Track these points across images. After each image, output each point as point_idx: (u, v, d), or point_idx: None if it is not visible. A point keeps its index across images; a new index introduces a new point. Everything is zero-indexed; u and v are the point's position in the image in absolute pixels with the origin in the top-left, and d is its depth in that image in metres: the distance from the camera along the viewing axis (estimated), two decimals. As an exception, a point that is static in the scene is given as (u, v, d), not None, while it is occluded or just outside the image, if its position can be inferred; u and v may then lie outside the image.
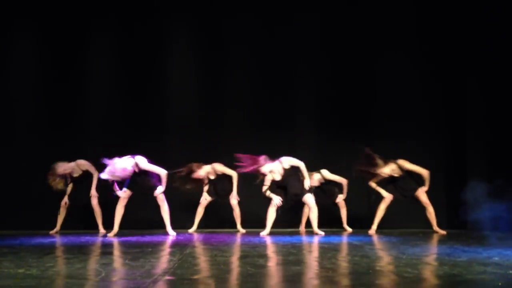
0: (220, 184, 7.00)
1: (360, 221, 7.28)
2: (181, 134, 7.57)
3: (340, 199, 7.07)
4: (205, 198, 7.02)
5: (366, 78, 7.65)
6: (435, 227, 6.73)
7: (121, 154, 6.50)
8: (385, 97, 7.61)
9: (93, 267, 3.45)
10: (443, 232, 6.62)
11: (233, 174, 6.84)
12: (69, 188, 6.92)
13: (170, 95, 7.71)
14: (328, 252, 4.36)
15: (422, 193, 6.65)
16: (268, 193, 6.35)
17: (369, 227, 6.79)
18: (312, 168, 6.90)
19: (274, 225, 6.53)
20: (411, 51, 7.67)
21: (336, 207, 7.15)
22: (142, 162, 6.09)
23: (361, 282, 2.82)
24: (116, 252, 4.55)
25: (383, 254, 4.25)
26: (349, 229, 7.07)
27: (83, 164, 6.86)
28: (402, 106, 7.59)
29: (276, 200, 6.31)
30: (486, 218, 6.60)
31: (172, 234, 6.28)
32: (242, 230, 6.98)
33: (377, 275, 3.04)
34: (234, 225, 7.11)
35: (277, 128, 7.56)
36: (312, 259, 3.95)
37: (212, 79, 7.72)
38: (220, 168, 6.92)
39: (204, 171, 6.88)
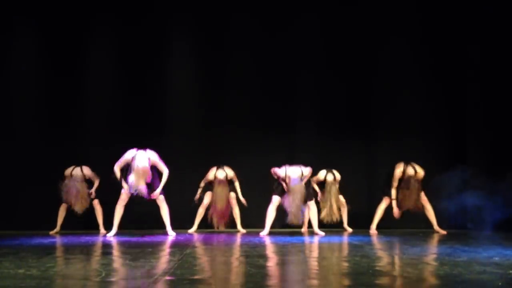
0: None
1: (360, 221, 7.28)
2: (182, 134, 7.55)
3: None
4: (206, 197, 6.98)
5: (366, 76, 7.62)
6: (436, 227, 6.72)
7: (121, 153, 6.51)
8: (386, 96, 7.60)
9: (94, 267, 3.46)
10: (444, 232, 6.62)
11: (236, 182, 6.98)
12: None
13: (171, 95, 7.69)
14: (328, 252, 4.36)
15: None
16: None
17: (369, 226, 6.79)
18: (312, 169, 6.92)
19: (274, 225, 6.52)
20: (410, 50, 7.65)
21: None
22: (154, 155, 6.28)
23: (361, 282, 2.82)
24: (116, 252, 4.55)
25: (383, 254, 4.25)
26: (350, 229, 7.05)
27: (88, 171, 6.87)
28: (402, 105, 7.58)
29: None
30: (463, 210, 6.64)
31: (172, 234, 6.28)
32: (243, 230, 6.97)
33: (377, 275, 3.04)
34: (234, 225, 7.11)
35: (277, 129, 7.56)
36: (312, 259, 3.95)
37: (213, 80, 7.70)
38: (231, 173, 6.95)
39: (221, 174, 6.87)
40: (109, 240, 5.64)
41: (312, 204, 6.46)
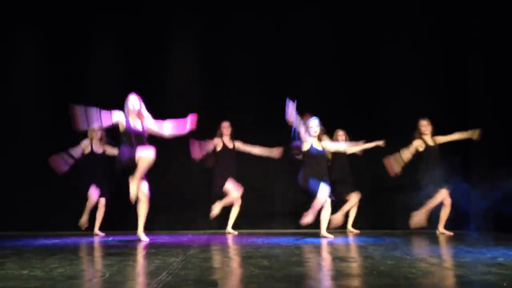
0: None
1: (361, 221, 7.27)
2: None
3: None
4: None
5: (369, 74, 7.62)
6: (441, 228, 6.61)
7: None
8: (388, 93, 7.59)
9: (97, 268, 3.45)
10: (450, 233, 6.51)
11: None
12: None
13: (172, 93, 7.71)
14: (331, 253, 4.35)
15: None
16: None
17: (374, 227, 6.76)
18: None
19: (278, 227, 6.50)
20: (413, 47, 7.64)
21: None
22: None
23: (365, 282, 2.81)
24: (120, 253, 4.55)
25: (387, 255, 4.24)
26: (355, 231, 6.98)
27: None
28: (405, 102, 7.57)
29: None
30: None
31: (144, 238, 5.61)
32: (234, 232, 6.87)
33: (381, 276, 3.03)
34: (235, 227, 7.09)
35: (280, 126, 7.54)
36: (316, 260, 3.94)
37: (214, 78, 7.72)
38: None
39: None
40: (112, 241, 5.64)
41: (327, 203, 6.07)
